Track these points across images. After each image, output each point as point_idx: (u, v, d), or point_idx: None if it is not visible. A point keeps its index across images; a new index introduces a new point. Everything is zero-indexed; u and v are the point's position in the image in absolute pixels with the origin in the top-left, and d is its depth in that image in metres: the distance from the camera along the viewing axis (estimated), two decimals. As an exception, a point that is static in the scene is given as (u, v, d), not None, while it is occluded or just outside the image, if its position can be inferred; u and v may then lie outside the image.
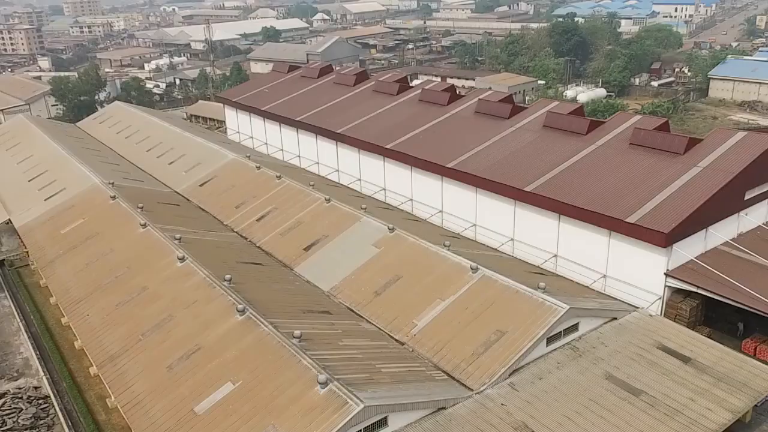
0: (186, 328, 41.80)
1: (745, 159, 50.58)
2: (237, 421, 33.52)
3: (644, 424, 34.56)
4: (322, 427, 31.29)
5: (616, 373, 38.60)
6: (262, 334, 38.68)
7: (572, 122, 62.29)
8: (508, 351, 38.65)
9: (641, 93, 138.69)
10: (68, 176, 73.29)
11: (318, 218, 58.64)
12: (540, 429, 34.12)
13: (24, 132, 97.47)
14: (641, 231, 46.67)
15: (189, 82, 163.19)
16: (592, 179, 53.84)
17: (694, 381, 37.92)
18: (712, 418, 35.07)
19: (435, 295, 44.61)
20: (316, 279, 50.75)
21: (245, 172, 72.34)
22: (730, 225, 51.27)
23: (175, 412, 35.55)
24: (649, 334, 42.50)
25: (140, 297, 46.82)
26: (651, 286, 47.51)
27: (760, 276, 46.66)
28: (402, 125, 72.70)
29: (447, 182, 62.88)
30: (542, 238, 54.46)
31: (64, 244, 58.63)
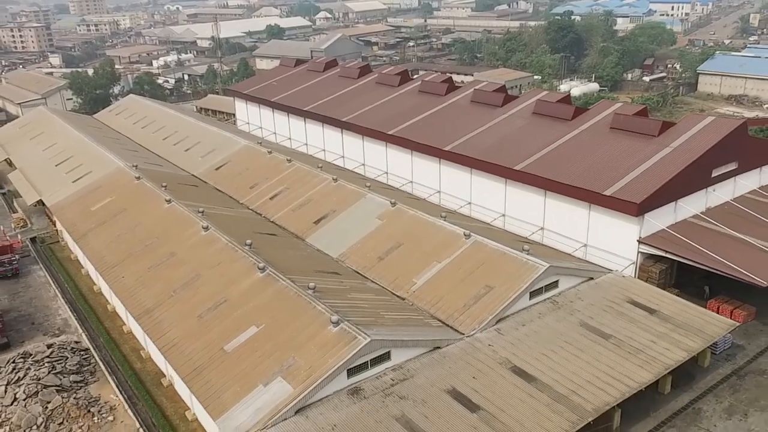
0: (213, 284, 47.50)
1: (711, 140, 56.20)
2: (261, 356, 39.23)
3: (610, 360, 40.21)
4: (335, 357, 36.99)
5: (590, 321, 44.25)
6: (281, 287, 44.40)
7: (559, 109, 67.97)
8: (495, 302, 44.32)
9: (633, 88, 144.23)
10: (93, 161, 78.97)
11: (326, 196, 64.30)
12: (521, 363, 39.78)
13: (46, 122, 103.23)
14: (616, 202, 52.33)
15: (197, 77, 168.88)
16: (575, 159, 59.47)
17: (657, 327, 43.56)
18: (669, 356, 40.72)
19: (432, 258, 50.25)
20: (326, 247, 56.42)
21: (258, 157, 78.03)
22: (699, 200, 56.86)
23: (207, 351, 41.27)
24: (620, 291, 48.15)
25: (169, 261, 52.54)
26: (625, 253, 53.17)
27: (725, 244, 52.19)
28: (403, 114, 78.32)
29: (444, 164, 68.54)
30: (530, 213, 60.13)
31: (95, 220, 64.31)
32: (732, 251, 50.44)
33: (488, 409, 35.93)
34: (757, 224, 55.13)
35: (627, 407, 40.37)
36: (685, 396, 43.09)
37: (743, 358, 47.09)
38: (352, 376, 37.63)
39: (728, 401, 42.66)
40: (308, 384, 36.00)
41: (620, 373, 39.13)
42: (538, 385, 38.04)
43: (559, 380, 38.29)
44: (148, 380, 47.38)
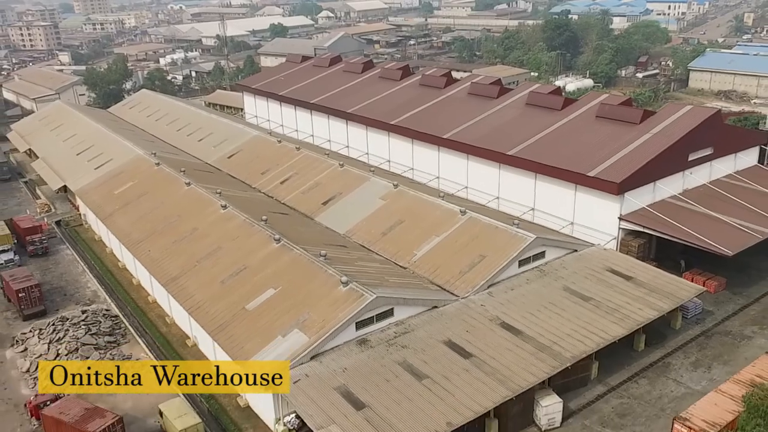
0: (233, 255, 52.58)
1: (687, 126, 61.27)
2: (279, 313, 44.31)
3: (589, 317, 45.24)
4: (345, 312, 42.08)
5: (572, 286, 49.28)
6: (295, 255, 49.50)
7: (550, 100, 73.04)
8: (487, 269, 49.36)
9: (627, 84, 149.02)
10: (113, 149, 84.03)
11: (333, 180, 69.34)
12: (509, 320, 44.83)
13: (64, 115, 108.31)
14: (599, 183, 57.38)
15: (204, 74, 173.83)
16: (563, 145, 64.52)
17: (632, 291, 48.59)
18: (641, 314, 45.78)
19: (431, 232, 55.30)
20: (334, 225, 61.48)
21: (268, 146, 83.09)
22: (677, 181, 61.87)
23: (230, 310, 46.34)
24: (601, 261, 53.18)
25: (192, 236, 57.63)
26: (608, 229, 58.19)
27: (698, 220, 57.16)
28: (405, 105, 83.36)
29: (443, 151, 73.58)
30: (522, 195, 65.16)
31: (119, 202, 69.38)
32: (704, 227, 55.42)
33: (480, 357, 40.97)
34: (730, 204, 60.03)
35: (604, 361, 45.51)
36: (657, 352, 48.13)
37: (711, 321, 52.15)
38: (360, 329, 42.68)
39: (695, 356, 47.72)
40: (321, 334, 41.08)
41: (597, 328, 44.16)
42: (523, 337, 43.09)
43: (543, 333, 43.33)
44: (173, 341, 52.49)
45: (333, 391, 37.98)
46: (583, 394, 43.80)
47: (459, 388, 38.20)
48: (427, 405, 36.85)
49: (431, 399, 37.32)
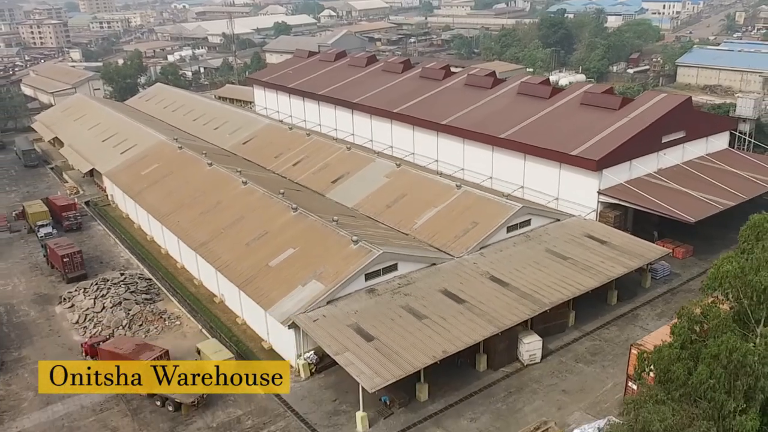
0: (255, 222, 59.48)
1: (661, 111, 68.18)
2: (299, 267, 51.22)
3: (567, 273, 52.09)
4: (355, 264, 48.99)
5: (554, 248, 56.14)
6: (310, 221, 56.45)
7: (539, 89, 79.95)
8: (479, 234, 56.24)
9: (618, 79, 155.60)
10: (136, 136, 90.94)
11: (341, 162, 76.21)
12: (497, 274, 51.70)
13: (86, 107, 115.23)
14: (580, 160, 64.25)
15: (213, 70, 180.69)
16: (550, 128, 71.39)
17: (606, 253, 55.47)
18: (612, 270, 52.67)
19: (430, 204, 62.19)
20: (342, 200, 68.34)
21: (280, 133, 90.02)
22: (651, 161, 68.70)
23: (255, 267, 53.27)
24: (581, 228, 60.09)
25: (217, 208, 64.55)
26: (588, 202, 65.01)
27: (668, 195, 63.93)
28: (406, 95, 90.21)
29: (442, 136, 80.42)
30: (512, 174, 71.94)
31: (147, 181, 76.28)
32: (673, 200, 62.25)
33: (471, 302, 47.85)
34: (700, 182, 66.80)
35: (580, 312, 52.50)
36: (627, 306, 55.08)
37: (678, 281, 59.12)
38: (369, 280, 49.56)
39: (660, 309, 54.67)
40: (336, 283, 48.00)
41: (573, 281, 51.04)
42: (509, 288, 49.98)
43: (526, 285, 50.21)
44: (202, 299, 59.38)
45: (347, 327, 44.88)
46: (561, 338, 50.73)
47: (453, 326, 45.07)
48: (426, 338, 43.74)
49: (429, 334, 44.20)
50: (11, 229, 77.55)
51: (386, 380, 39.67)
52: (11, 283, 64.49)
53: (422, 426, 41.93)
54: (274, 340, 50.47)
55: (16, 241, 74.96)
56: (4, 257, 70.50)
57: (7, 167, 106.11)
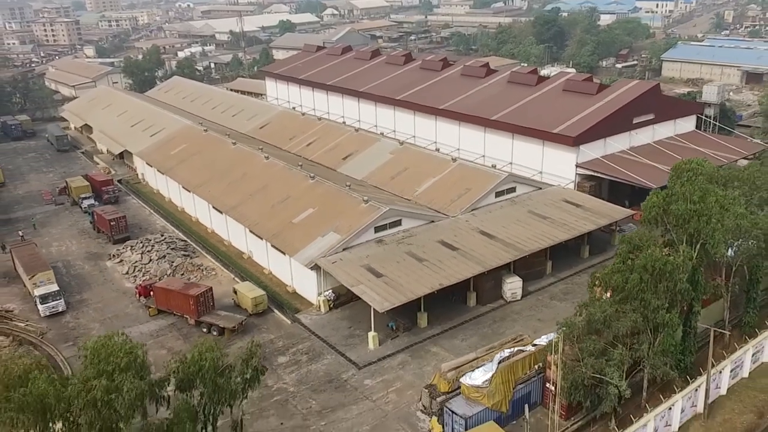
0: (278, 189, 68.88)
1: (632, 96, 77.63)
2: (318, 223, 60.63)
3: (545, 229, 61.38)
4: (366, 218, 58.42)
5: (535, 210, 65.49)
6: (326, 187, 65.91)
7: (527, 78, 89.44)
8: (471, 197, 65.63)
9: (606, 73, 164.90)
10: (163, 121, 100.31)
11: (350, 142, 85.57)
12: (486, 229, 61.03)
13: (111, 97, 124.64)
14: (560, 137, 73.64)
15: (223, 65, 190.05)
16: (535, 111, 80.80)
17: (580, 214, 64.85)
18: (584, 227, 62.09)
19: (429, 175, 71.55)
20: (352, 173, 77.59)
21: (293, 118, 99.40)
22: (624, 139, 78.09)
23: (280, 224, 62.70)
24: (560, 195, 69.49)
25: (243, 179, 73.92)
26: (567, 174, 74.40)
27: (639, 168, 73.31)
28: (408, 84, 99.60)
29: (440, 120, 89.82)
30: (502, 152, 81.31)
31: (176, 159, 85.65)
32: (641, 171, 71.65)
33: (463, 249, 57.18)
34: (666, 157, 75.88)
35: (557, 263, 61.94)
36: (597, 259, 64.43)
37: (643, 240, 68.33)
38: (378, 233, 58.94)
39: (625, 260, 63.93)
40: (350, 233, 57.41)
41: (550, 235, 60.40)
42: (495, 239, 59.32)
43: (509, 237, 59.55)
44: (232, 255, 68.74)
45: (360, 267, 54.27)
46: (539, 282, 60.18)
47: (448, 266, 54.44)
48: (425, 275, 53.14)
49: (428, 272, 53.59)
50: (56, 202, 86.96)
51: (393, 304, 49.04)
52: (64, 244, 73.90)
53: (422, 345, 51.34)
54: (297, 284, 59.88)
55: (61, 212, 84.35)
56: (54, 225, 79.91)
57: (41, 152, 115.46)
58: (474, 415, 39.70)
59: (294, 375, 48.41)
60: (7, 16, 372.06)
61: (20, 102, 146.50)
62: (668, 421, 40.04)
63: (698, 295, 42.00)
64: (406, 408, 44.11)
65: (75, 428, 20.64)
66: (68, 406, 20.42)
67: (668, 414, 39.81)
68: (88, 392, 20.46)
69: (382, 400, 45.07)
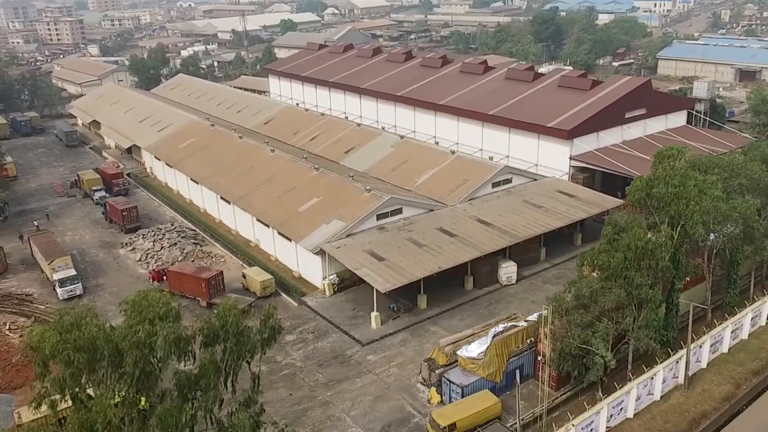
0: (284, 180, 71.86)
1: (624, 91, 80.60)
2: (323, 211, 63.61)
3: (539, 217, 64.39)
4: (369, 206, 61.41)
5: (530, 200, 68.47)
6: (330, 177, 68.92)
7: (523, 74, 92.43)
8: (469, 188, 68.60)
9: (603, 71, 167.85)
10: (170, 117, 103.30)
11: (352, 136, 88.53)
12: (482, 217, 63.99)
13: (119, 94, 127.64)
14: (555, 131, 76.63)
15: (226, 63, 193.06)
16: (531, 106, 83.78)
17: (573, 204, 67.84)
18: (575, 215, 65.12)
19: (428, 167, 74.51)
20: (355, 166, 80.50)
21: (297, 114, 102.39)
22: (616, 133, 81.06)
23: (287, 212, 65.69)
24: (554, 186, 72.47)
25: (250, 171, 76.89)
26: (562, 166, 77.37)
27: (630, 160, 76.17)
28: (408, 81, 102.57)
29: (439, 115, 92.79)
30: (499, 146, 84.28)
31: (184, 153, 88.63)
32: (632, 163, 74.50)
33: (461, 236, 60.16)
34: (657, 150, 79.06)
35: (551, 249, 64.97)
36: (590, 246, 66.27)
37: (633, 229, 71.32)
38: (379, 220, 61.92)
39: (616, 248, 66.93)
40: (353, 220, 60.40)
41: (543, 222, 63.42)
42: (491, 227, 62.27)
43: (505, 225, 62.52)
44: (240, 244, 71.73)
45: (363, 252, 57.25)
46: (533, 268, 63.22)
47: (446, 251, 57.42)
48: (425, 259, 56.11)
49: (428, 256, 56.56)
50: (68, 194, 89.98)
51: (394, 285, 52.02)
52: (78, 234, 76.91)
53: (422, 324, 54.36)
54: (303, 269, 62.87)
55: (73, 204, 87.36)
56: (68, 216, 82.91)
57: (51, 147, 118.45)
58: (470, 384, 42.71)
59: (301, 351, 51.43)
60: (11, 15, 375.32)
61: (28, 99, 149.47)
62: (651, 390, 43.03)
63: (679, 274, 45.02)
64: (406, 380, 47.12)
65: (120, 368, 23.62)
66: (115, 347, 23.55)
67: (650, 383, 42.81)
68: (133, 335, 23.51)
69: (385, 373, 48.06)
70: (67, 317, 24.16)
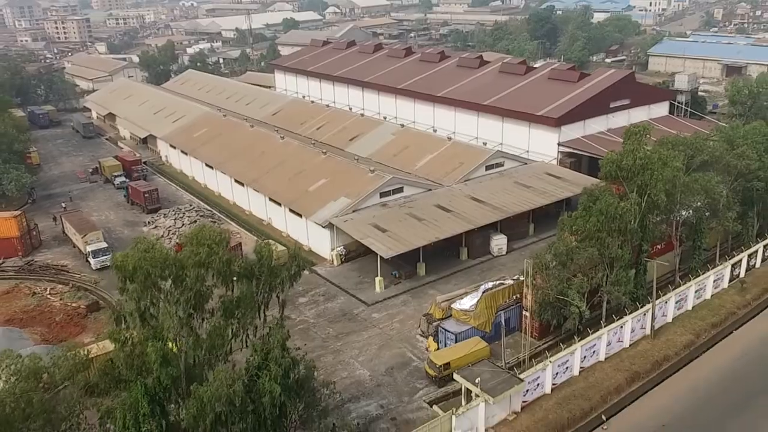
0: (294, 164, 78.06)
1: (609, 82, 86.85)
2: (331, 190, 69.83)
3: (527, 196, 70.55)
4: (372, 185, 67.64)
5: (520, 181, 74.65)
6: (337, 161, 75.17)
7: (516, 68, 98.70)
8: (464, 170, 74.83)
9: (596, 68, 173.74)
10: (184, 109, 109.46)
11: (356, 125, 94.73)
12: (476, 196, 70.16)
13: (132, 88, 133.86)
14: (544, 119, 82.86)
15: (232, 60, 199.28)
16: (523, 97, 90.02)
17: (559, 184, 74.02)
18: (561, 194, 71.28)
19: (427, 152, 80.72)
20: (358, 152, 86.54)
21: (303, 106, 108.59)
22: (602, 122, 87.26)
23: (298, 192, 71.92)
24: (542, 169, 78.68)
25: (261, 156, 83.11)
26: (550, 152, 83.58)
27: (615, 146, 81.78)
28: (408, 75, 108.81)
29: (437, 107, 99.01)
30: (493, 134, 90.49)
31: (199, 142, 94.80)
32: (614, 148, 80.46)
33: (456, 211, 66.34)
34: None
35: (539, 225, 71.10)
36: (574, 223, 73.46)
37: (616, 208, 77.48)
38: (382, 198, 68.12)
39: (599, 224, 73.14)
40: (358, 197, 66.62)
41: (531, 200, 69.62)
42: (484, 204, 68.45)
43: (497, 202, 68.72)
44: (253, 222, 77.95)
45: (367, 224, 63.46)
46: (522, 241, 69.46)
47: (443, 224, 63.62)
48: (424, 230, 62.31)
49: (426, 228, 62.77)
50: (90, 180, 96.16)
51: (396, 251, 58.24)
52: (104, 214, 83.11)
53: (421, 288, 60.60)
54: (312, 242, 69.04)
55: (96, 189, 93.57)
56: (91, 199, 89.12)
57: (68, 138, 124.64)
58: (462, 332, 48.94)
59: (313, 311, 57.68)
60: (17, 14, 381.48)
61: (44, 94, 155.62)
62: (620, 338, 49.23)
63: (647, 237, 51.22)
64: (407, 333, 53.36)
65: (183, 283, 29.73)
66: (181, 265, 29.63)
67: (620, 331, 49.00)
68: (196, 255, 29.61)
69: (388, 327, 54.31)
70: (141, 244, 30.41)
